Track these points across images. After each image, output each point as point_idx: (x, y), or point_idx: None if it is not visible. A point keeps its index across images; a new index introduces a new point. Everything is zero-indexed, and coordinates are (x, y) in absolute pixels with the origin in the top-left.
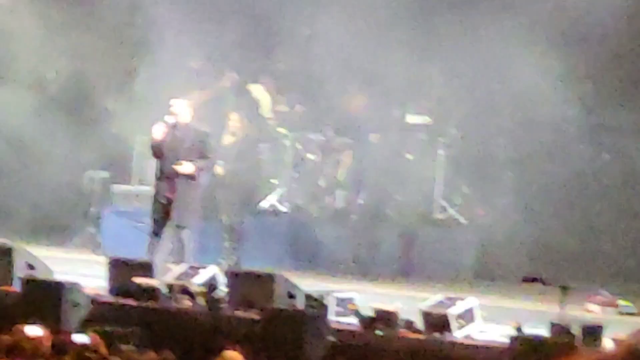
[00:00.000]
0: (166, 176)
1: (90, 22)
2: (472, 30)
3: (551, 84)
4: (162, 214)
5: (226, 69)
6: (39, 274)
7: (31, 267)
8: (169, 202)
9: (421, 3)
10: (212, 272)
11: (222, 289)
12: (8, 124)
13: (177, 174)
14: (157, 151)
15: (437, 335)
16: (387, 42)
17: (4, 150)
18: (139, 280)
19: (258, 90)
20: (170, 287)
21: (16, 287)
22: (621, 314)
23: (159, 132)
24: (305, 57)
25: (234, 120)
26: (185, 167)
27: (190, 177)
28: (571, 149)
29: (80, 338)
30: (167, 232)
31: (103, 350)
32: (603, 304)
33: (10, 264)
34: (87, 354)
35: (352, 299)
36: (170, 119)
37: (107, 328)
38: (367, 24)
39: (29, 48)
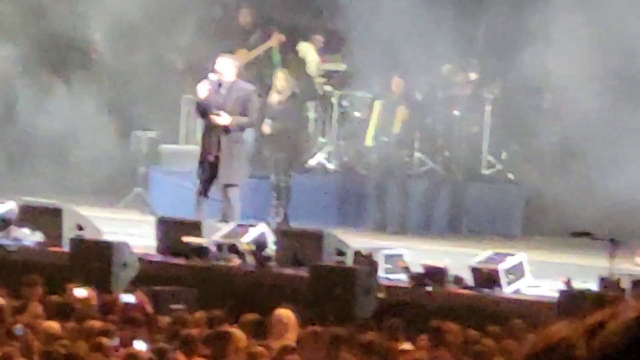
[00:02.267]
0: (211, 134)
1: None
2: None
3: (596, 37)
4: (208, 172)
5: (274, 29)
6: (88, 235)
7: (80, 227)
8: (215, 160)
9: None
10: (261, 230)
11: (271, 247)
12: (51, 83)
13: (223, 132)
14: (202, 109)
15: (486, 290)
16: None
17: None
18: (188, 239)
19: (306, 49)
20: (219, 245)
21: (65, 247)
22: None
23: (203, 90)
24: (352, 15)
25: (280, 79)
26: (222, 119)
27: (226, 129)
28: (619, 104)
29: (126, 298)
30: (215, 190)
31: (149, 309)
32: None
33: (59, 224)
34: (132, 313)
35: (401, 255)
36: (214, 77)
37: (156, 287)
38: None
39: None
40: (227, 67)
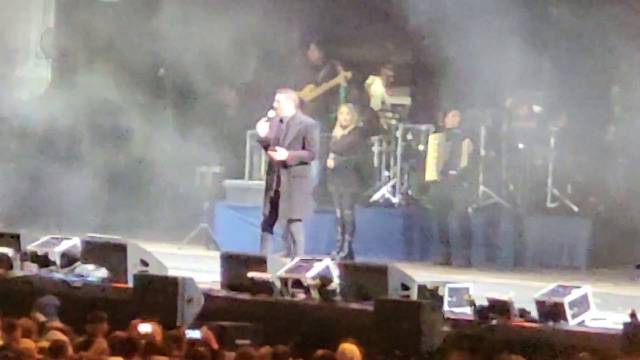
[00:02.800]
0: (272, 170)
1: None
2: (582, 18)
3: None
4: (271, 207)
5: (340, 65)
6: (153, 270)
7: (145, 263)
8: (276, 195)
9: None
10: (326, 264)
11: (336, 282)
12: (115, 120)
13: (282, 167)
14: (263, 146)
15: (551, 323)
16: (497, 31)
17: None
18: (253, 274)
19: (372, 82)
20: (284, 280)
21: (130, 283)
22: None
23: (262, 128)
24: (417, 48)
25: (344, 113)
26: (279, 154)
27: (284, 164)
28: None
29: (191, 333)
30: (279, 225)
31: (214, 344)
32: None
33: (124, 260)
34: (198, 348)
35: (466, 289)
36: (272, 114)
37: (222, 323)
38: (477, 13)
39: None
40: (284, 102)
